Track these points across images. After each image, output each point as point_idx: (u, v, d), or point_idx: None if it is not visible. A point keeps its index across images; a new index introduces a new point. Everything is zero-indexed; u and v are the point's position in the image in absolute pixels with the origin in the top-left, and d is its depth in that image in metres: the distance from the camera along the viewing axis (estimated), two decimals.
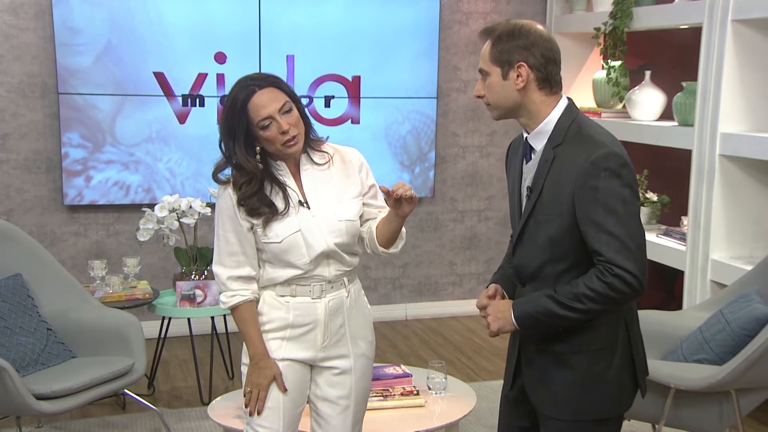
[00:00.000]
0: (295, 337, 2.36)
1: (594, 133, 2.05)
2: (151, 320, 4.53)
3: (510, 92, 2.07)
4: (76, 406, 3.29)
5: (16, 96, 4.74)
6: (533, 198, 2.08)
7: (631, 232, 1.97)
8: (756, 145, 3.78)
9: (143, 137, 4.89)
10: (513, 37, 2.06)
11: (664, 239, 4.45)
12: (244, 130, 2.26)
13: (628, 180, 1.99)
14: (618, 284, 1.96)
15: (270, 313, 2.37)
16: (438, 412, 3.18)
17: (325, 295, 2.37)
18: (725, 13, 3.92)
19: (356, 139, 5.25)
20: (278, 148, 2.29)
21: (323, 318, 2.36)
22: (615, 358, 2.10)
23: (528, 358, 2.19)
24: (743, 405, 3.01)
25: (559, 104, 2.10)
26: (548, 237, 2.06)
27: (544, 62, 2.05)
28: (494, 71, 2.08)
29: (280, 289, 2.36)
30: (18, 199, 4.82)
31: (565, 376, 2.11)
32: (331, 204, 2.37)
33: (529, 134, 2.12)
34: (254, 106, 2.25)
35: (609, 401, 2.13)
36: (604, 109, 5.03)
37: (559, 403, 2.13)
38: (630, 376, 2.14)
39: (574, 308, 2.00)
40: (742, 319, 3.06)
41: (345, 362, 2.42)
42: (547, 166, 2.05)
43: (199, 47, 4.91)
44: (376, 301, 5.54)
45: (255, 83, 2.27)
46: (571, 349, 2.10)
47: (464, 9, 5.47)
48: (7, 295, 3.51)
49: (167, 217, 4.00)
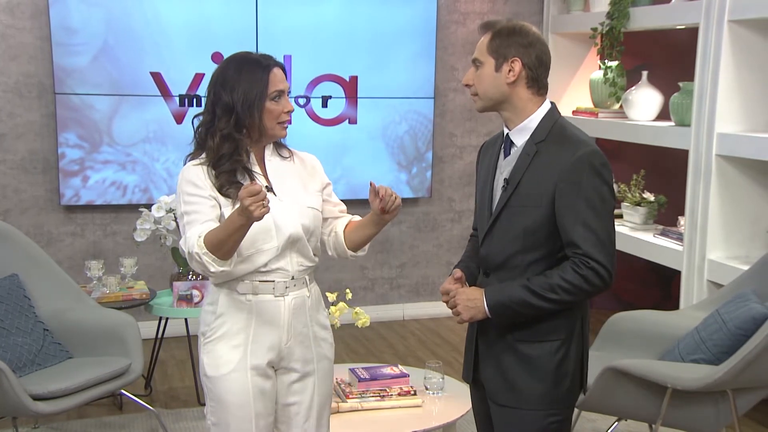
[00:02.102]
0: (258, 339, 2.32)
1: (577, 134, 2.15)
2: (148, 320, 4.53)
3: (499, 84, 2.14)
4: (72, 407, 3.29)
5: (12, 96, 4.74)
6: (509, 189, 2.15)
7: (607, 228, 2.08)
8: (752, 145, 3.78)
9: (140, 137, 4.89)
10: (513, 33, 2.14)
11: (661, 239, 4.45)
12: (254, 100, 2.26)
13: (607, 179, 2.09)
14: (592, 277, 2.05)
15: (231, 315, 2.32)
16: (435, 412, 3.19)
17: (288, 293, 2.34)
18: (722, 13, 3.93)
19: (353, 139, 5.25)
20: (274, 126, 2.31)
21: (286, 317, 2.34)
22: (571, 351, 2.17)
23: (486, 346, 2.24)
24: (740, 405, 3.01)
25: (544, 105, 2.18)
26: (523, 228, 2.12)
27: (537, 63, 2.14)
28: (488, 62, 2.15)
29: (241, 286, 2.32)
30: (15, 199, 4.81)
31: (523, 365, 2.16)
32: (296, 191, 2.38)
33: (511, 130, 2.19)
34: (274, 77, 2.29)
35: (565, 392, 2.18)
36: (601, 109, 5.04)
37: (516, 392, 2.17)
38: (580, 370, 2.21)
39: (548, 298, 2.08)
40: (739, 319, 3.07)
41: (308, 365, 2.40)
42: (528, 159, 2.13)
43: (196, 47, 4.90)
44: (373, 301, 5.54)
45: (270, 60, 2.32)
46: (530, 338, 2.16)
47: (461, 9, 5.47)
48: (4, 295, 3.50)
49: (164, 217, 4.00)
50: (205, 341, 2.36)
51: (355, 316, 3.51)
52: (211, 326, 2.35)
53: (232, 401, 2.32)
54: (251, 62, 2.31)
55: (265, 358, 2.34)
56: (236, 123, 2.28)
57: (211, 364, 2.33)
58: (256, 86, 2.27)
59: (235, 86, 2.27)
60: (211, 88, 2.32)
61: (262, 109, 2.28)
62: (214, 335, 2.34)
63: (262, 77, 2.28)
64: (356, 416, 3.13)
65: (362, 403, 3.16)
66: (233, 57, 2.35)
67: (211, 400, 2.36)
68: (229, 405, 2.32)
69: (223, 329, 2.33)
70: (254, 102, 2.27)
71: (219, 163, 2.28)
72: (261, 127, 2.31)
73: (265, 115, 2.29)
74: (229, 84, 2.28)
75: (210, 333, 2.35)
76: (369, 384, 3.24)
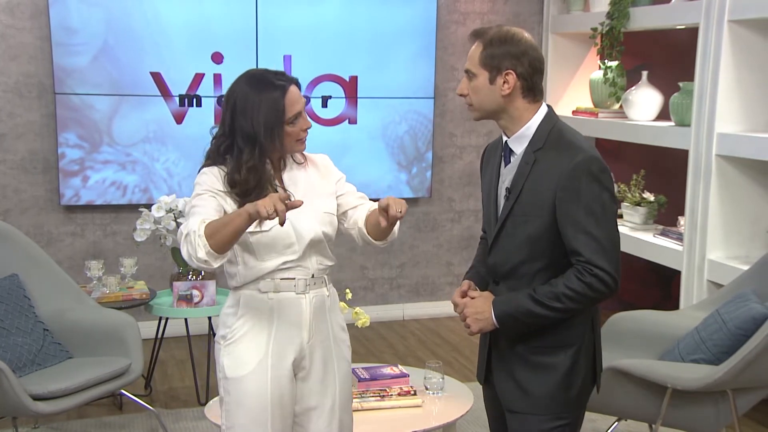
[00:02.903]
0: (280, 339, 2.32)
1: (574, 139, 2.12)
2: (148, 320, 4.53)
3: (495, 97, 2.13)
4: (72, 407, 3.29)
5: (12, 96, 4.74)
6: (512, 199, 2.14)
7: (609, 234, 2.07)
8: (752, 145, 3.78)
9: (140, 137, 4.89)
10: (504, 43, 2.11)
11: (661, 239, 4.45)
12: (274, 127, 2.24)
13: (607, 184, 2.08)
14: (596, 284, 2.04)
15: (253, 315, 2.32)
16: (435, 412, 3.18)
17: (309, 291, 2.34)
18: (722, 13, 3.93)
19: (353, 140, 5.25)
20: (292, 144, 2.31)
21: (308, 314, 2.34)
22: (582, 356, 2.16)
23: (499, 353, 2.24)
24: (740, 405, 3.01)
25: (540, 110, 2.16)
26: (527, 236, 2.11)
27: (531, 72, 2.12)
28: (482, 74, 2.14)
29: (262, 284, 2.31)
30: (15, 199, 4.81)
31: (535, 374, 2.16)
32: (313, 198, 2.37)
33: (509, 138, 2.18)
34: (290, 99, 2.27)
35: (576, 397, 2.18)
36: (601, 109, 5.04)
37: (529, 398, 2.17)
38: (591, 374, 2.21)
39: (554, 307, 2.07)
40: (739, 319, 3.07)
41: (327, 366, 2.40)
42: (528, 168, 2.11)
43: (196, 47, 4.90)
44: (373, 302, 5.54)
45: (284, 79, 2.29)
46: (543, 347, 2.15)
47: (461, 9, 5.47)
48: (4, 295, 3.50)
49: (164, 217, 4.00)
50: (225, 344, 2.34)
51: (355, 316, 3.52)
52: (233, 328, 2.33)
53: (248, 405, 2.30)
54: (267, 84, 2.26)
55: (286, 357, 2.32)
56: (260, 153, 2.27)
57: (231, 365, 2.32)
58: (274, 112, 2.24)
59: (254, 114, 2.24)
60: (227, 111, 2.28)
61: (282, 135, 2.27)
62: (236, 336, 2.32)
63: (278, 101, 2.25)
64: (356, 416, 3.09)
65: (362, 403, 3.15)
66: (248, 77, 2.30)
67: (227, 403, 2.34)
68: (245, 408, 2.30)
69: (245, 328, 2.32)
70: (274, 129, 2.25)
71: (246, 195, 2.25)
72: (281, 149, 2.31)
73: (285, 139, 2.29)
74: (249, 112, 2.25)
75: (231, 335, 2.33)
76: (369, 384, 3.24)
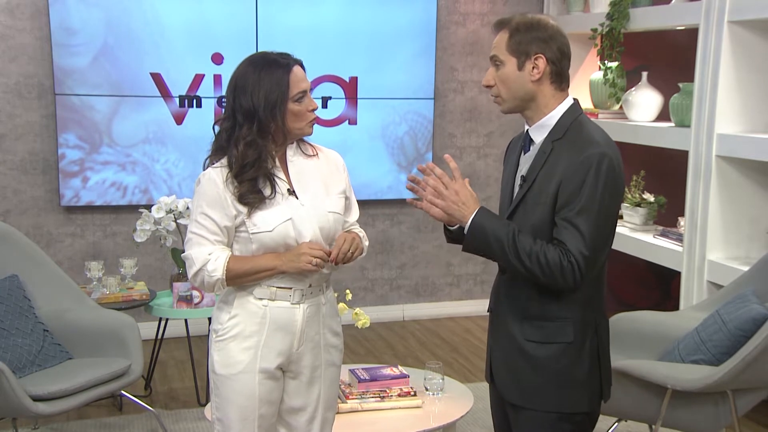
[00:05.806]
0: (270, 344, 2.32)
1: (593, 134, 2.09)
2: (148, 321, 4.53)
3: (524, 83, 2.10)
4: (72, 408, 3.29)
5: (12, 97, 4.74)
6: (525, 187, 2.12)
7: (598, 233, 2.03)
8: (752, 146, 3.78)
9: (140, 138, 4.89)
10: (532, 29, 2.08)
11: (661, 240, 4.45)
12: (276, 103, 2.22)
13: (609, 183, 2.03)
14: (568, 271, 2.01)
15: (245, 318, 2.32)
16: (435, 413, 3.19)
17: (305, 301, 2.34)
18: (721, 14, 3.93)
19: (353, 140, 5.25)
20: (301, 126, 2.28)
21: (300, 324, 2.34)
22: (582, 358, 2.13)
23: (496, 343, 2.23)
24: (740, 405, 3.01)
25: (565, 101, 2.14)
26: (531, 225, 2.09)
27: (560, 56, 2.09)
28: (510, 61, 2.10)
29: (258, 291, 2.31)
30: (14, 200, 4.81)
31: (529, 364, 2.14)
32: (318, 194, 2.35)
33: (531, 127, 2.16)
34: (295, 77, 2.26)
35: (575, 399, 2.14)
36: (601, 110, 5.04)
37: (522, 390, 2.16)
38: (598, 382, 2.17)
39: (520, 258, 2.04)
40: (739, 319, 3.07)
41: (315, 371, 2.41)
42: (544, 157, 2.10)
43: (196, 48, 4.90)
44: (373, 302, 5.54)
45: (289, 59, 2.28)
46: (537, 338, 2.13)
47: (461, 10, 5.48)
48: (4, 296, 3.50)
49: (164, 218, 4.00)
50: (217, 339, 2.36)
51: (355, 316, 3.52)
52: (225, 325, 2.34)
53: (237, 402, 2.32)
54: (270, 63, 2.25)
55: (274, 362, 2.34)
56: (259, 129, 2.24)
57: (221, 362, 2.34)
58: (277, 88, 2.22)
59: (255, 90, 2.22)
60: (230, 92, 2.27)
61: (285, 112, 2.24)
62: (227, 335, 2.34)
63: (282, 78, 2.23)
64: (356, 417, 3.13)
65: (362, 403, 3.16)
66: (251, 59, 2.30)
67: (217, 396, 2.37)
68: (234, 405, 2.33)
69: (236, 330, 2.33)
70: (276, 105, 2.22)
71: (242, 171, 2.23)
72: (285, 129, 2.27)
73: (288, 117, 2.25)
74: (249, 88, 2.23)
75: (223, 332, 2.35)
76: (369, 385, 3.24)
